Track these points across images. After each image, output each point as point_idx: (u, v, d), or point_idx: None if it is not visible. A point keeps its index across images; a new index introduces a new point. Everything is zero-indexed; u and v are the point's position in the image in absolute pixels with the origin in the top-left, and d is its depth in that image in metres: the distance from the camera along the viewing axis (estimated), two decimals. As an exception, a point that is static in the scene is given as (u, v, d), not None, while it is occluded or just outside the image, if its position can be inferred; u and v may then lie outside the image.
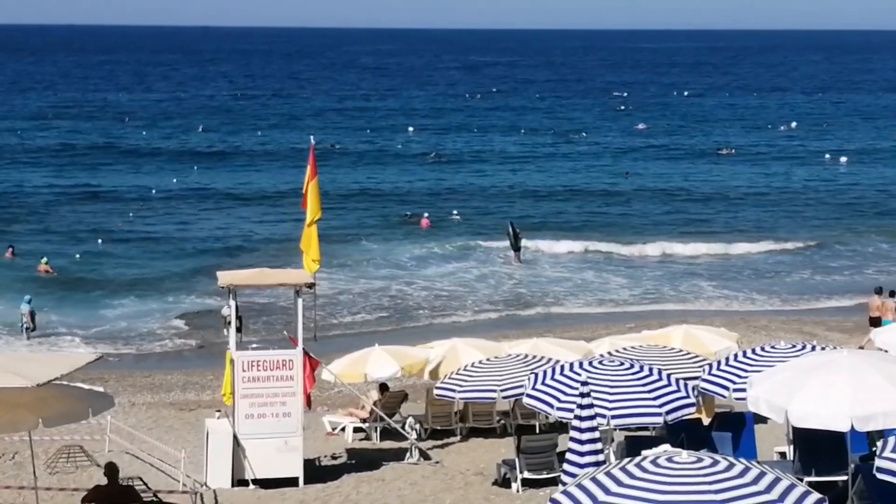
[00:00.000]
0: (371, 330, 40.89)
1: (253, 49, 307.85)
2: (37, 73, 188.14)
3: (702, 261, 54.21)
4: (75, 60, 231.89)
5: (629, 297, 47.40)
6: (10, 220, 61.00)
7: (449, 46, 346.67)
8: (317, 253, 23.39)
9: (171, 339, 41.08)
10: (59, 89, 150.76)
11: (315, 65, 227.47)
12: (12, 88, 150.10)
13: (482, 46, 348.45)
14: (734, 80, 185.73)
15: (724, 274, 51.42)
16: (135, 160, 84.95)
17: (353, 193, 71.75)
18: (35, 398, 17.86)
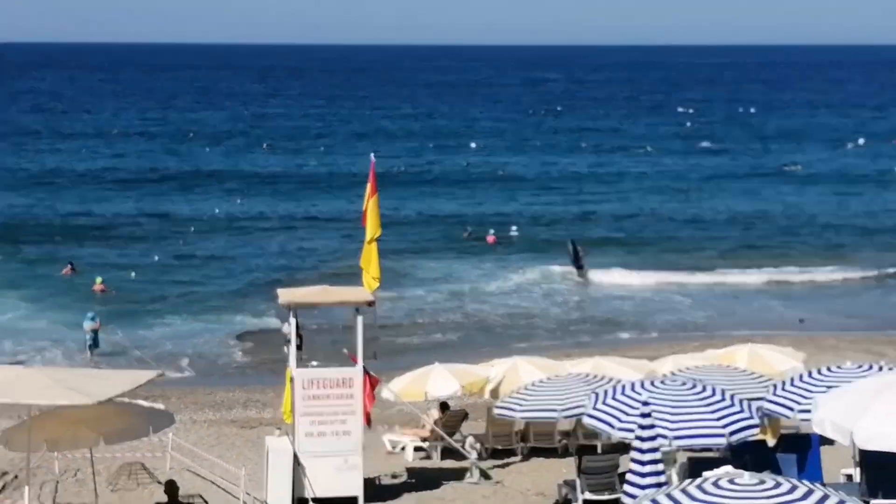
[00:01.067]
0: (431, 348, 40.80)
1: (312, 67, 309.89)
2: (103, 90, 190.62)
3: (767, 279, 53.53)
4: (140, 77, 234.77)
5: (694, 316, 46.96)
6: (71, 237, 61.60)
7: (510, 63, 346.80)
8: (377, 270, 23.37)
9: (233, 356, 41.25)
10: (123, 106, 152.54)
11: (374, 82, 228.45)
12: (78, 106, 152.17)
13: (544, 63, 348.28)
14: (800, 95, 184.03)
15: (790, 293, 50.78)
16: (197, 178, 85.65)
17: (415, 210, 71.85)
18: (96, 415, 18.01)
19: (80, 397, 16.94)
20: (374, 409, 24.28)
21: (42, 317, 45.28)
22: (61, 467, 25.19)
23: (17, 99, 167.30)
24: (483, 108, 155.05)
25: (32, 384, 17.40)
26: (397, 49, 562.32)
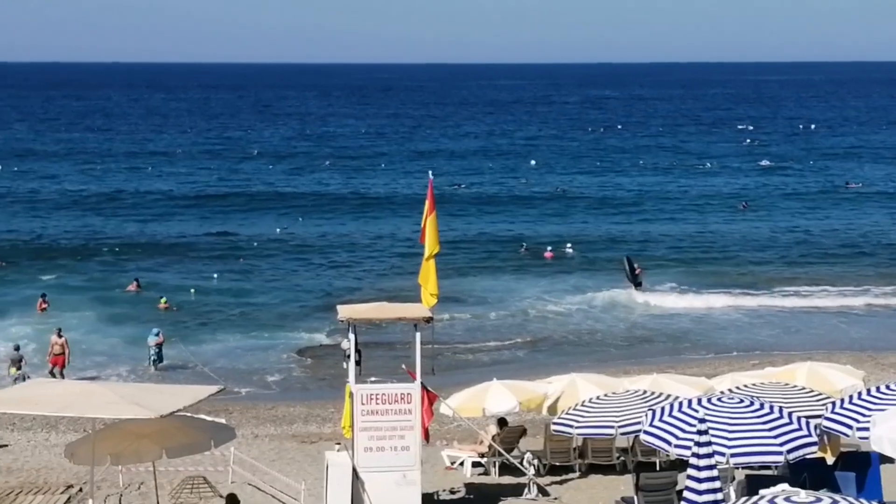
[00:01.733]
0: (489, 364, 40.92)
1: (373, 85, 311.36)
2: (167, 108, 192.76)
3: (827, 298, 53.06)
4: (203, 96, 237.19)
5: (753, 334, 46.66)
6: (136, 255, 62.33)
7: (569, 81, 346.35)
8: (435, 287, 23.56)
9: (294, 371, 41.59)
10: (188, 125, 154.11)
11: (434, 100, 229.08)
12: (142, 125, 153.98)
13: (603, 80, 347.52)
14: (861, 112, 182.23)
15: (850, 312, 50.34)
16: (259, 197, 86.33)
17: (473, 228, 72.01)
18: (159, 429, 18.27)
19: (144, 411, 17.19)
20: (432, 424, 24.42)
21: (108, 332, 45.95)
22: (125, 480, 25.58)
23: (85, 117, 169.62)
24: (542, 126, 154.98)
25: (97, 398, 17.69)
26: (456, 67, 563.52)
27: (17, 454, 29.45)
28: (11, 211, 77.75)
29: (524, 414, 29.63)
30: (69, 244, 65.66)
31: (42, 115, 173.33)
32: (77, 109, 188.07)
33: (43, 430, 32.31)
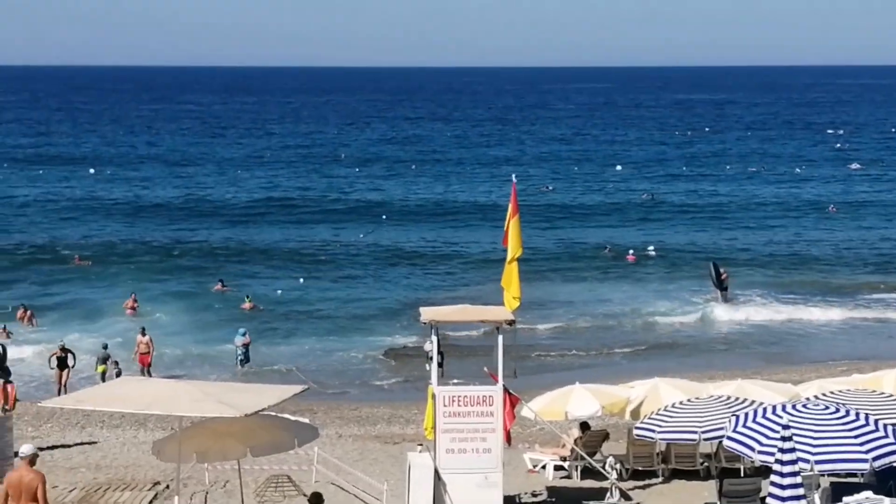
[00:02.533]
0: (572, 367, 40.85)
1: (459, 89, 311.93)
2: (254, 112, 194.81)
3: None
4: (288, 100, 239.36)
5: (840, 341, 46.10)
6: (222, 256, 63.06)
7: (656, 84, 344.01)
8: (517, 290, 23.54)
9: (378, 373, 41.86)
10: (274, 130, 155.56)
11: (519, 105, 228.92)
12: (232, 129, 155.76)
13: (691, 84, 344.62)
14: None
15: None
16: (344, 200, 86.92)
17: (557, 231, 71.89)
18: (244, 428, 18.48)
19: (229, 410, 17.40)
20: (514, 427, 24.43)
21: (195, 332, 46.60)
22: (211, 478, 25.92)
23: (177, 120, 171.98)
24: (629, 131, 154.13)
25: (183, 397, 17.94)
26: (540, 71, 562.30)
27: (106, 451, 29.99)
28: (104, 213, 79.11)
29: (607, 418, 29.52)
30: (159, 245, 66.65)
31: (135, 119, 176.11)
32: (170, 114, 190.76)
33: (132, 427, 32.87)
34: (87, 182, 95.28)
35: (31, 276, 57.85)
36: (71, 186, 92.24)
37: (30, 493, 18.87)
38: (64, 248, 64.20)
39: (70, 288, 55.36)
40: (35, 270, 59.39)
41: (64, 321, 47.68)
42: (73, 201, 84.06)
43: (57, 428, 32.93)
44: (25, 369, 39.96)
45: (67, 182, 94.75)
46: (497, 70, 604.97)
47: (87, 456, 29.41)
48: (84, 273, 58.46)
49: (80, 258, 61.10)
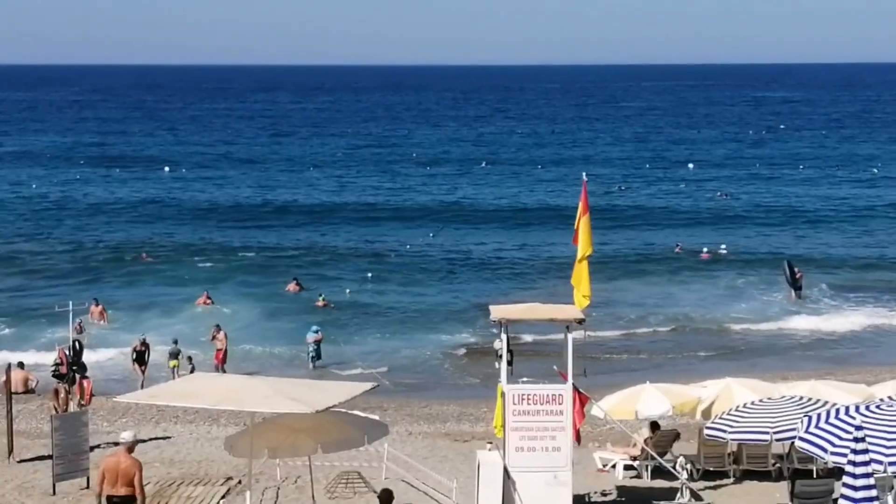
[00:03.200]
0: (642, 367, 40.66)
1: (526, 87, 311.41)
2: (330, 112, 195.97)
3: None
4: (366, 99, 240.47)
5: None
6: (296, 257, 63.47)
7: (730, 81, 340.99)
8: (587, 288, 23.50)
9: (448, 370, 41.96)
10: (347, 129, 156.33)
11: (587, 102, 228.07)
12: (305, 129, 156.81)
13: (767, 80, 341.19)
14: None
15: None
16: (414, 199, 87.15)
17: (628, 230, 71.57)
18: (315, 424, 18.64)
19: (300, 406, 17.56)
20: (584, 426, 24.38)
21: (268, 329, 47.01)
22: (283, 474, 26.17)
23: (252, 119, 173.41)
24: (702, 129, 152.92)
25: (255, 393, 18.13)
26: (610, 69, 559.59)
27: (179, 446, 30.36)
28: (178, 212, 79.95)
29: (677, 418, 29.38)
30: (233, 244, 67.24)
31: (210, 118, 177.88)
32: (243, 113, 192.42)
33: (205, 423, 33.25)
34: (163, 181, 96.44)
35: (105, 274, 58.72)
36: (146, 185, 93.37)
37: (126, 479, 19.31)
38: (136, 246, 65.01)
39: (143, 285, 56.10)
40: (109, 268, 60.26)
41: (137, 317, 48.35)
42: (147, 200, 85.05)
43: (132, 423, 33.37)
44: (100, 364, 40.52)
45: (143, 181, 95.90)
46: (569, 68, 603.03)
47: (161, 451, 29.80)
48: (156, 270, 59.22)
49: (147, 255, 61.90)
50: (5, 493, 25.52)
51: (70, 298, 30.70)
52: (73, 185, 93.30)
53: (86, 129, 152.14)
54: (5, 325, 47.72)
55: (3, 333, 46.40)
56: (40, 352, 40.48)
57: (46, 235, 69.88)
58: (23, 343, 43.93)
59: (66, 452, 25.55)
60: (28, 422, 33.18)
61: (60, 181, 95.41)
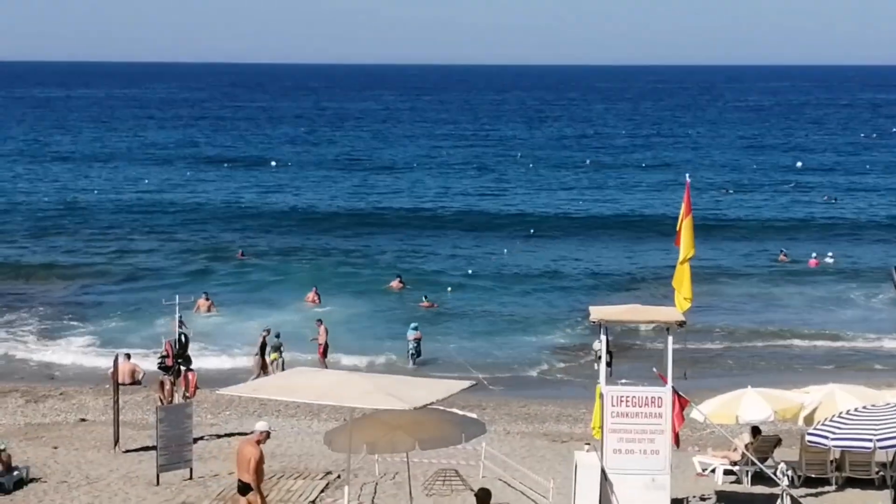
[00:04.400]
0: (744, 371, 40.20)
1: (627, 87, 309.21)
2: (436, 111, 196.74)
3: None
4: (468, 98, 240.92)
5: None
6: (397, 257, 63.84)
7: (842, 83, 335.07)
8: (689, 291, 23.31)
9: (547, 371, 41.94)
10: (449, 123, 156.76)
11: (691, 103, 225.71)
12: (406, 128, 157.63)
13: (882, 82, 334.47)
14: None
15: None
16: (519, 194, 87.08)
17: (731, 230, 70.79)
18: (413, 421, 18.77)
19: (398, 403, 17.68)
20: (683, 430, 24.17)
21: (370, 326, 47.47)
22: (381, 470, 26.38)
23: (358, 120, 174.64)
24: (809, 130, 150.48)
25: (355, 388, 18.31)
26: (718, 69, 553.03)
27: (280, 440, 30.74)
28: (284, 210, 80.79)
29: (779, 423, 28.98)
30: (337, 242, 67.90)
31: (315, 117, 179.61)
32: (345, 112, 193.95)
33: (306, 417, 33.65)
34: (267, 179, 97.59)
35: (210, 270, 59.68)
36: (252, 183, 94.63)
37: (247, 466, 19.84)
38: (240, 244, 65.87)
39: (246, 281, 56.94)
40: (213, 264, 61.25)
41: (242, 312, 49.08)
42: (251, 197, 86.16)
43: (235, 416, 33.92)
44: (204, 357, 41.22)
45: (251, 179, 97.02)
46: (674, 68, 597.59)
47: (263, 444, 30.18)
48: (257, 267, 60.05)
49: (245, 253, 62.78)
50: (111, 482, 26.09)
51: (177, 293, 31.23)
52: (182, 181, 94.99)
53: (193, 126, 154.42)
54: (114, 318, 48.80)
55: (111, 326, 47.45)
56: (146, 344, 41.29)
57: (156, 231, 71.22)
58: (130, 335, 44.88)
59: (171, 443, 26.03)
60: (134, 413, 33.90)
61: (170, 177, 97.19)
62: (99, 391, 36.65)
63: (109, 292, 54.58)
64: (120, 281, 57.30)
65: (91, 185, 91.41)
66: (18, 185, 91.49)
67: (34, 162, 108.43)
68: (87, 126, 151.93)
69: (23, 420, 33.52)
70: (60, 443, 30.15)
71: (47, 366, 42.40)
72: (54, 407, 35.21)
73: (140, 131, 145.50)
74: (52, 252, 64.74)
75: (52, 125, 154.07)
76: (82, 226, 72.63)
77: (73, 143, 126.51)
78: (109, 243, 67.16)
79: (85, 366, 42.22)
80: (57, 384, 38.96)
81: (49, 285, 56.19)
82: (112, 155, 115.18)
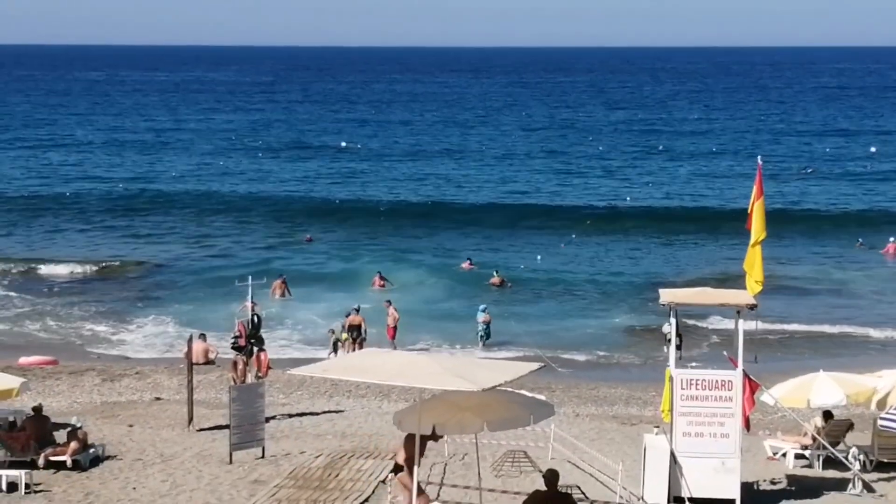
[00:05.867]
0: (816, 354, 39.86)
1: (706, 70, 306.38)
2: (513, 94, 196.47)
3: None
4: (542, 80, 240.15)
5: None
6: (468, 238, 63.90)
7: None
8: (760, 274, 23.14)
9: (617, 353, 41.84)
10: (527, 111, 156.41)
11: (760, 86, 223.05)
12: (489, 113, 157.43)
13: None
14: None
15: None
16: (589, 178, 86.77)
17: (802, 212, 70.08)
18: (481, 402, 18.80)
19: (467, 384, 17.72)
20: (754, 413, 24.04)
21: (440, 308, 47.68)
22: (450, 451, 26.53)
23: (433, 100, 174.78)
24: (886, 113, 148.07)
25: (423, 369, 18.37)
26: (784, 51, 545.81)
27: (351, 420, 31.03)
28: (355, 195, 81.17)
29: (852, 408, 28.74)
30: (407, 224, 68.15)
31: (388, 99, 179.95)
32: (416, 92, 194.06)
33: (376, 397, 33.91)
34: (338, 162, 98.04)
35: (280, 253, 60.24)
36: (322, 166, 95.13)
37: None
38: (310, 227, 66.30)
39: (316, 264, 57.41)
40: (283, 246, 61.91)
41: (312, 295, 49.48)
42: (325, 182, 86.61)
43: (306, 396, 34.28)
44: (275, 337, 41.65)
45: (322, 165, 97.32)
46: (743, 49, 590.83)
47: (333, 424, 30.50)
48: (327, 250, 60.49)
49: (311, 238, 63.25)
50: (185, 460, 26.49)
51: (250, 273, 31.58)
52: (253, 166, 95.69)
53: (262, 111, 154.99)
54: (189, 299, 49.48)
55: (186, 307, 48.09)
56: (220, 324, 41.78)
57: (229, 214, 71.93)
58: (204, 316, 45.45)
59: (243, 423, 26.34)
60: (207, 392, 34.37)
61: (241, 161, 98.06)
62: (173, 370, 37.21)
63: (184, 273, 55.37)
64: (193, 262, 58.12)
65: (165, 170, 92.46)
66: (95, 170, 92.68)
67: (110, 146, 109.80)
68: (158, 111, 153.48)
69: (99, 399, 34.13)
70: (136, 421, 30.65)
71: (122, 345, 43.12)
72: (130, 386, 35.80)
73: (211, 114, 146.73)
74: (127, 234, 65.83)
75: (125, 110, 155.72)
76: (157, 209, 73.61)
77: (147, 129, 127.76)
78: (183, 226, 68.04)
79: (159, 345, 42.90)
80: (132, 363, 39.60)
81: (126, 267, 57.13)
82: (185, 139, 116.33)
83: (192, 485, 24.49)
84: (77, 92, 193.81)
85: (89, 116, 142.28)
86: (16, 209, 73.06)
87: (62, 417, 29.42)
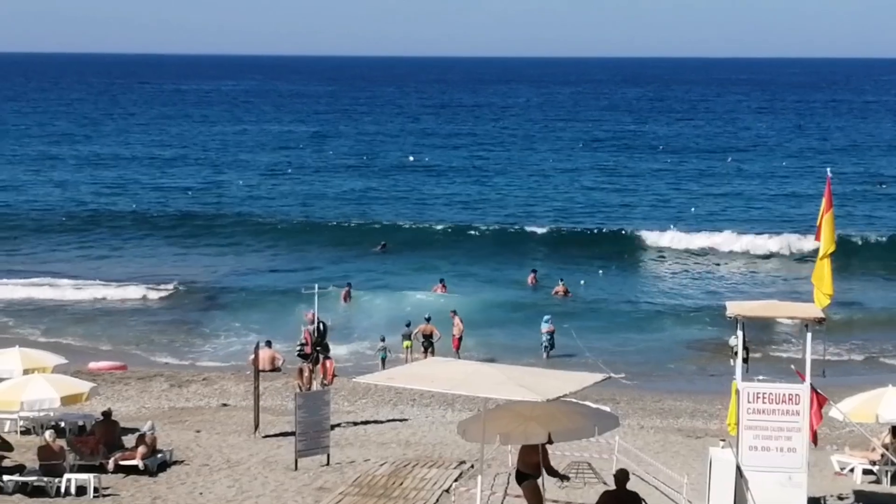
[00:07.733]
0: (885, 369, 39.36)
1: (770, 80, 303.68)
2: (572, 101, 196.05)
3: None
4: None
5: None
6: (532, 254, 63.71)
7: None
8: (829, 287, 22.89)
9: (683, 366, 41.59)
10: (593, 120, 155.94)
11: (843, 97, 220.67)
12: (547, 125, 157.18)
13: None
14: None
15: None
16: (648, 192, 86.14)
17: (875, 228, 69.08)
18: (545, 413, 18.82)
19: (531, 394, 17.74)
20: (822, 428, 23.81)
21: (506, 318, 47.59)
22: (514, 461, 26.51)
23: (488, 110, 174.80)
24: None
25: (488, 379, 18.42)
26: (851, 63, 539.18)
27: (415, 428, 31.13)
28: (422, 202, 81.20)
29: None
30: (474, 235, 68.09)
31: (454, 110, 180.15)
32: (464, 103, 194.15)
33: (440, 407, 33.97)
34: (407, 171, 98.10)
35: (352, 261, 60.49)
36: (393, 175, 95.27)
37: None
38: (374, 235, 66.45)
39: (382, 271, 57.63)
40: (350, 255, 62.08)
41: (379, 303, 49.64)
42: (394, 190, 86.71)
43: (371, 404, 34.43)
44: (345, 347, 41.87)
45: (390, 175, 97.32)
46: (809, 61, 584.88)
47: (397, 432, 30.61)
48: (396, 258, 60.64)
49: (385, 246, 63.38)
50: (251, 466, 26.73)
51: (316, 282, 31.82)
52: (322, 173, 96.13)
53: (329, 122, 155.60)
54: (256, 305, 49.80)
55: (254, 315, 48.38)
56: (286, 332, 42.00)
57: (298, 221, 72.20)
58: (271, 323, 45.73)
59: (308, 430, 26.54)
60: (273, 399, 34.64)
61: (310, 168, 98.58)
62: (240, 377, 37.53)
63: (251, 280, 55.73)
64: (261, 269, 58.49)
65: (233, 176, 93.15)
66: (163, 178, 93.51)
67: (177, 154, 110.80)
68: (225, 118, 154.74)
69: (167, 404, 34.52)
70: (203, 427, 30.98)
71: (191, 353, 43.43)
72: (197, 392, 36.16)
73: (276, 123, 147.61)
74: (195, 241, 66.39)
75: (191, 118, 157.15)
76: (224, 215, 74.10)
77: (215, 135, 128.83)
78: (252, 233, 68.48)
79: (226, 352, 43.24)
80: (200, 370, 39.98)
81: (194, 272, 57.58)
82: (252, 146, 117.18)
83: (257, 491, 24.70)
84: (143, 101, 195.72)
85: (159, 126, 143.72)
86: (83, 224, 72.77)
87: (131, 422, 29.82)
